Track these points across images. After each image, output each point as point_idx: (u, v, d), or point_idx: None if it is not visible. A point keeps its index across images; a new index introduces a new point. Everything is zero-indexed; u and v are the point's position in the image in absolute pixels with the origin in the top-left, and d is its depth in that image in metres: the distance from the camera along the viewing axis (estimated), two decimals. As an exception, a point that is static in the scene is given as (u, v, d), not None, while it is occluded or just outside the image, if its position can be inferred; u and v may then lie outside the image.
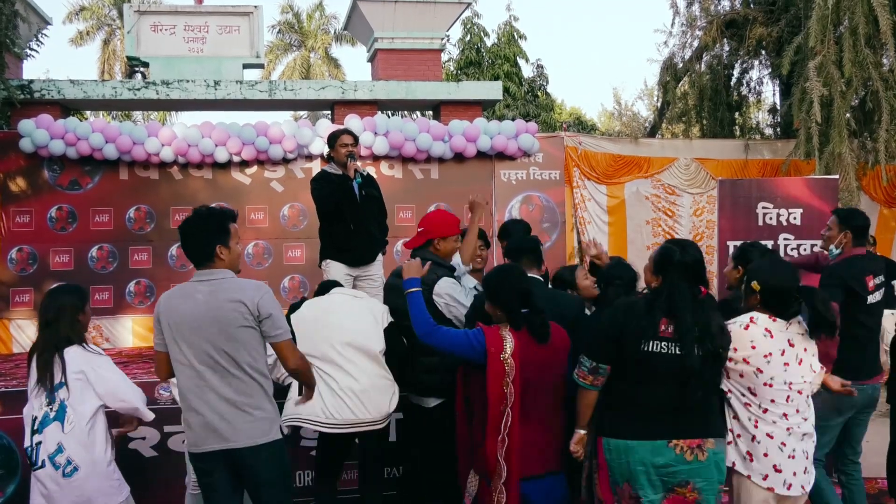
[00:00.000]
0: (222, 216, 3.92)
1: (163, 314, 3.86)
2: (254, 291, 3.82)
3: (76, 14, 30.09)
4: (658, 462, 3.63)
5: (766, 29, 11.96)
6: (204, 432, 3.82)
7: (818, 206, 6.83)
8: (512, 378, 3.85)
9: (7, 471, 5.61)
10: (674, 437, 3.64)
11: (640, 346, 3.65)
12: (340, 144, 6.44)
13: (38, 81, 11.18)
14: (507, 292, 3.98)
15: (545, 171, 11.29)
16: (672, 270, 3.73)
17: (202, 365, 3.79)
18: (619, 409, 3.75)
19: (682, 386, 3.63)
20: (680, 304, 3.64)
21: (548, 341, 3.93)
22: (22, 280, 10.34)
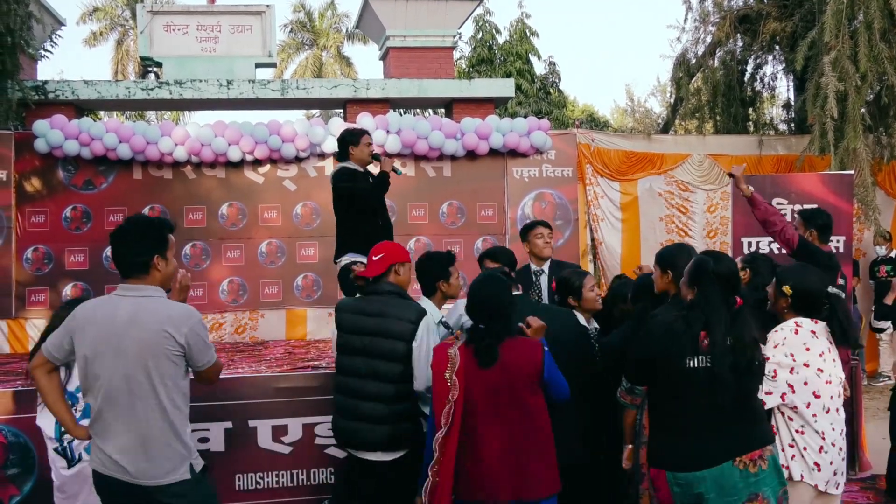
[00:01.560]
0: (161, 225, 3.74)
1: (78, 327, 3.60)
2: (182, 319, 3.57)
3: (90, 15, 30.26)
4: (728, 484, 3.55)
5: (780, 24, 11.89)
6: (109, 460, 3.57)
7: (833, 201, 6.79)
8: (454, 398, 3.67)
9: (23, 469, 5.64)
10: (736, 454, 3.58)
11: (685, 363, 3.59)
12: (365, 144, 6.50)
13: (52, 82, 11.24)
14: (470, 301, 3.87)
15: (558, 169, 11.27)
16: (706, 282, 3.68)
17: (116, 389, 3.53)
18: (671, 434, 3.67)
19: (730, 399, 3.56)
20: (713, 316, 3.58)
21: (490, 365, 3.69)
22: (38, 280, 10.40)
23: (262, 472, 5.92)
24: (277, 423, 5.93)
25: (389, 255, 4.59)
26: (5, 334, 10.25)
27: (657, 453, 3.72)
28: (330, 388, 5.54)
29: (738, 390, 3.55)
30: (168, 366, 3.53)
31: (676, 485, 3.61)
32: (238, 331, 10.55)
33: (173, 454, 3.55)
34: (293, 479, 5.96)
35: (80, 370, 3.61)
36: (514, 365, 3.72)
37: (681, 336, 3.60)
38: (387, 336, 4.34)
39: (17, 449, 5.64)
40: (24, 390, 5.92)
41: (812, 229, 5.59)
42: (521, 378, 3.71)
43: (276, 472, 5.95)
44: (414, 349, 4.27)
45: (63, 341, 3.63)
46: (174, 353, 3.53)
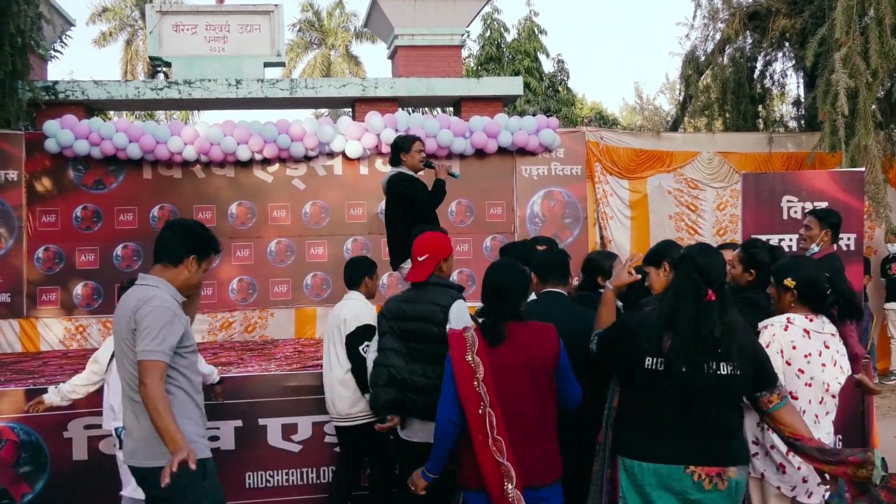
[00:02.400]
0: (212, 238, 3.87)
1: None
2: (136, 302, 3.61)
3: (99, 15, 30.36)
4: (675, 488, 3.40)
5: (790, 20, 11.84)
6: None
7: (844, 199, 6.75)
8: (482, 377, 3.66)
9: (36, 467, 5.68)
10: (690, 462, 3.39)
11: (644, 363, 3.48)
12: (417, 150, 6.53)
13: (62, 82, 11.29)
14: (484, 287, 3.88)
15: (566, 167, 11.25)
16: (681, 271, 3.56)
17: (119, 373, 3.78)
18: (632, 426, 3.57)
19: (693, 406, 3.41)
20: (680, 305, 3.44)
21: (497, 344, 3.69)
22: (48, 279, 10.44)
23: (272, 471, 5.95)
24: (287, 421, 5.95)
25: (434, 255, 4.57)
26: (17, 333, 10.30)
27: (616, 441, 3.66)
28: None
29: (688, 390, 3.37)
30: (130, 348, 3.58)
31: (624, 470, 3.54)
32: (247, 330, 10.57)
33: (156, 438, 3.48)
34: (303, 477, 5.98)
35: None
36: (530, 346, 3.72)
37: (647, 327, 3.51)
38: (420, 320, 4.43)
39: (29, 447, 5.67)
40: (37, 389, 5.95)
41: (828, 228, 5.56)
42: (539, 359, 3.70)
43: (285, 471, 5.98)
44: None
45: None
46: (132, 336, 3.56)
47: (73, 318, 10.46)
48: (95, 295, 10.49)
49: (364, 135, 10.62)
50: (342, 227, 10.96)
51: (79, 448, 5.74)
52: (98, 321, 10.48)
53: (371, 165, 10.98)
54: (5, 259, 10.30)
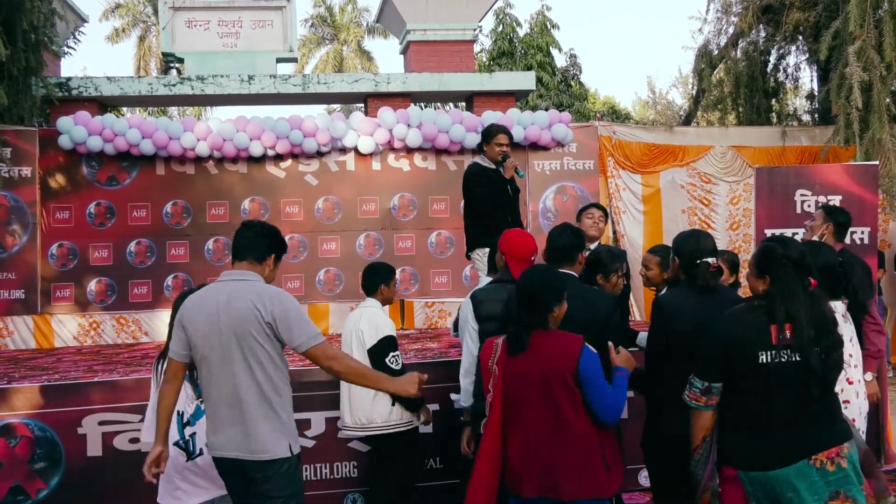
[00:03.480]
0: (283, 240, 4.06)
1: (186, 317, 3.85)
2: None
3: (112, 11, 30.44)
4: (805, 483, 3.37)
5: (804, 14, 11.78)
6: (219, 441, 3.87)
7: (858, 192, 6.72)
8: (493, 385, 3.70)
9: (51, 463, 5.70)
10: (812, 452, 3.39)
11: (758, 359, 3.40)
12: (496, 143, 6.54)
13: (75, 79, 11.33)
14: (515, 293, 3.85)
15: (579, 161, 11.23)
16: (779, 269, 3.48)
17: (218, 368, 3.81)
18: (747, 432, 3.48)
19: (806, 394, 3.40)
20: (793, 305, 3.40)
21: (517, 354, 3.66)
22: (63, 275, 10.48)
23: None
24: (300, 416, 5.94)
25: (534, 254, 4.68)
26: (31, 330, 10.35)
27: (729, 451, 3.54)
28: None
29: (827, 382, 3.41)
30: (258, 343, 3.71)
31: (749, 483, 3.45)
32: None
33: (271, 431, 3.72)
34: (316, 472, 5.99)
35: (193, 357, 3.82)
36: (546, 357, 3.65)
37: (752, 328, 3.44)
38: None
39: (44, 443, 5.70)
40: (51, 385, 5.98)
41: (831, 223, 5.56)
42: (553, 371, 3.62)
43: (299, 466, 5.98)
44: None
45: (179, 336, 3.84)
46: (264, 330, 3.71)
47: (87, 314, 10.51)
48: (109, 291, 10.54)
49: (376, 130, 10.63)
50: (355, 223, 10.97)
51: (93, 444, 5.76)
52: (112, 317, 10.53)
53: (384, 161, 10.98)
54: (19, 255, 10.35)
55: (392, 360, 5.12)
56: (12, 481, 5.62)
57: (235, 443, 3.72)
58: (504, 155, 6.53)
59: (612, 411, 3.67)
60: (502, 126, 6.75)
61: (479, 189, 6.54)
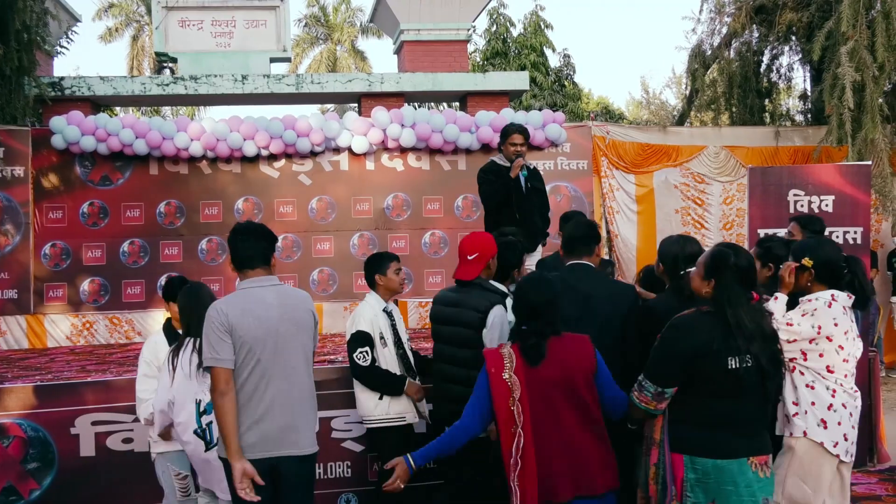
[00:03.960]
0: (269, 230, 4.14)
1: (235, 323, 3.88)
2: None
3: (105, 11, 30.38)
4: (744, 482, 3.46)
5: (797, 14, 11.80)
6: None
7: (851, 192, 6.74)
8: (518, 396, 3.63)
9: (43, 463, 5.69)
10: (751, 454, 3.50)
11: (727, 364, 3.44)
12: (510, 143, 6.67)
13: (68, 78, 11.30)
14: (517, 302, 3.85)
15: (573, 161, 11.24)
16: (727, 275, 3.52)
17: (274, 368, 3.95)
18: (696, 425, 3.55)
19: (755, 400, 3.51)
20: (741, 313, 3.46)
21: (539, 363, 3.65)
22: (55, 275, 10.46)
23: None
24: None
25: (483, 254, 4.67)
26: (24, 330, 10.32)
27: (678, 438, 3.59)
28: (345, 383, 5.58)
29: (766, 386, 3.52)
30: (311, 342, 4.08)
31: (693, 470, 3.52)
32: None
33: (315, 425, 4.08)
34: (310, 472, 5.98)
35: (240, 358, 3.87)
36: (567, 361, 3.69)
37: (720, 334, 3.47)
38: (459, 325, 4.59)
39: (37, 443, 5.68)
40: (44, 385, 5.97)
41: (809, 234, 5.62)
42: (577, 373, 3.68)
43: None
44: (484, 336, 4.47)
45: (227, 343, 3.86)
46: (313, 331, 4.07)
47: (80, 314, 10.49)
48: (102, 291, 10.52)
49: (370, 130, 10.63)
50: (348, 223, 10.97)
51: (86, 444, 5.74)
52: (105, 317, 10.51)
53: (377, 161, 10.98)
54: (12, 255, 10.33)
55: (359, 356, 5.10)
56: (5, 481, 5.60)
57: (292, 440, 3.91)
58: (517, 154, 6.58)
59: (624, 405, 3.74)
60: (518, 126, 6.82)
61: (483, 187, 6.73)
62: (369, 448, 5.68)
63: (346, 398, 5.60)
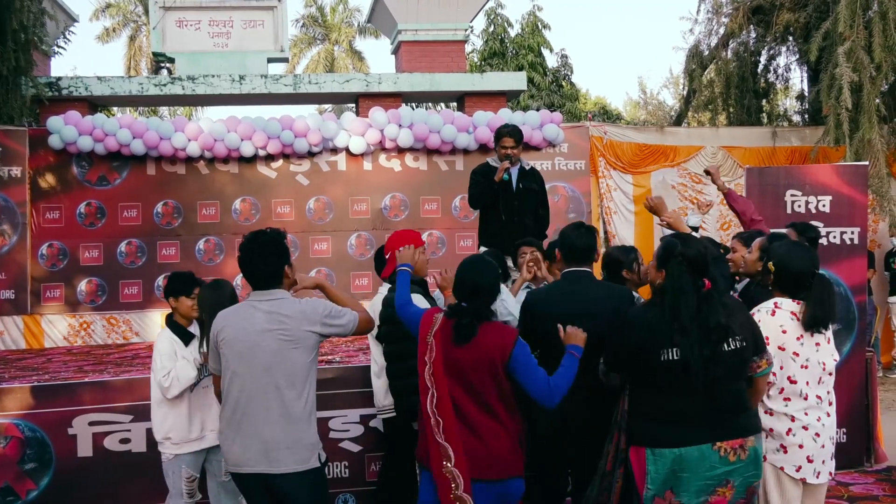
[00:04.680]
0: (282, 237, 4.12)
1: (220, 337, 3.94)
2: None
3: (102, 11, 30.35)
4: (705, 467, 3.52)
5: (794, 14, 11.81)
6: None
7: (848, 193, 6.73)
8: (432, 359, 3.76)
9: (41, 464, 5.68)
10: (717, 439, 3.53)
11: (661, 356, 3.53)
12: (501, 146, 6.65)
13: (65, 78, 11.29)
14: (457, 280, 3.94)
15: (570, 162, 11.24)
16: (674, 265, 3.60)
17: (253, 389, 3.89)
18: (654, 417, 3.62)
19: (713, 386, 3.51)
20: (680, 301, 3.53)
21: (463, 344, 3.73)
22: (52, 275, 10.45)
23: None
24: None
25: (393, 248, 4.86)
26: (21, 330, 10.31)
27: (636, 433, 3.68)
28: (343, 383, 5.57)
29: (709, 377, 3.49)
30: (304, 361, 3.92)
31: (653, 462, 3.57)
32: (252, 325, 10.56)
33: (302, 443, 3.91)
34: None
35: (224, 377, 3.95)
36: (481, 346, 3.73)
37: (657, 327, 3.56)
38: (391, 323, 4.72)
39: (34, 444, 5.67)
40: (41, 385, 5.96)
41: (805, 240, 5.62)
42: (484, 360, 3.71)
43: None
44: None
45: (215, 354, 4.00)
46: (314, 345, 3.95)
47: (77, 314, 10.48)
48: (100, 291, 10.51)
49: (368, 130, 10.62)
50: (346, 223, 10.97)
51: (83, 445, 5.73)
52: (102, 317, 10.49)
53: (375, 161, 10.98)
54: (9, 256, 10.31)
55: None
56: (2, 482, 5.60)
57: (274, 457, 3.85)
58: (507, 156, 6.59)
59: (546, 393, 3.73)
60: (510, 128, 6.78)
61: (471, 189, 6.76)
62: (381, 442, 5.63)
63: (344, 398, 5.61)
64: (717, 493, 3.55)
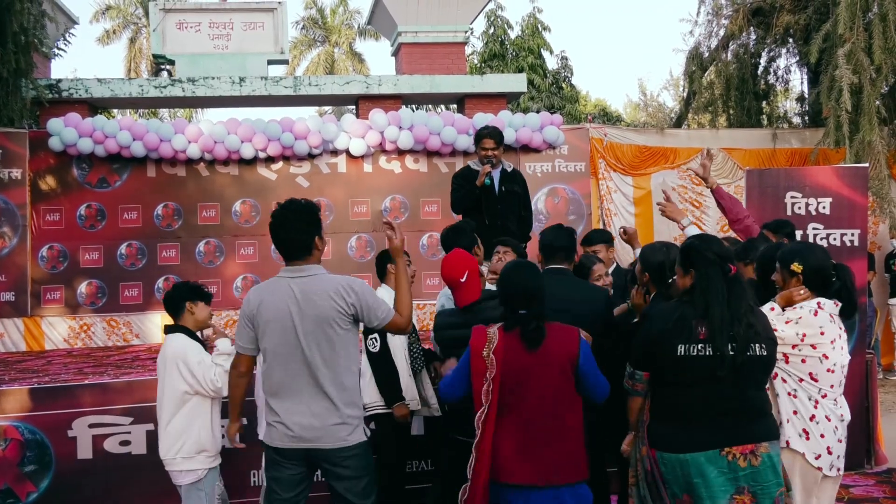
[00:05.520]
0: (315, 208, 4.08)
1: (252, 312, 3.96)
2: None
3: (103, 13, 30.37)
4: (713, 473, 3.50)
5: (794, 16, 11.81)
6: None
7: (848, 195, 6.73)
8: (492, 375, 3.70)
9: (41, 466, 5.68)
10: (725, 444, 3.51)
11: (677, 351, 3.53)
12: (481, 148, 6.64)
13: (66, 80, 11.30)
14: (507, 289, 3.88)
15: (570, 164, 11.24)
16: (701, 262, 3.63)
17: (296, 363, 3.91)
18: (666, 419, 3.64)
19: (726, 388, 3.52)
20: (712, 296, 3.54)
21: (538, 347, 3.71)
22: (53, 277, 10.44)
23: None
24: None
25: (473, 269, 4.64)
26: (21, 332, 10.30)
27: (652, 435, 3.72)
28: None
29: (736, 374, 3.50)
30: (335, 335, 3.90)
31: (662, 464, 3.61)
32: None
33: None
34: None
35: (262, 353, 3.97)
36: (551, 348, 3.72)
37: (674, 322, 3.58)
38: None
39: (34, 446, 5.68)
40: (41, 388, 5.96)
41: (783, 237, 5.64)
42: (555, 362, 3.72)
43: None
44: None
45: (247, 332, 4.01)
46: (346, 320, 3.91)
47: (77, 316, 10.46)
48: (100, 293, 10.50)
49: (368, 132, 10.62)
50: (346, 225, 10.96)
51: (83, 447, 5.74)
52: (102, 319, 10.49)
53: (375, 163, 10.98)
54: (9, 258, 10.31)
55: (370, 342, 5.18)
56: (2, 484, 5.60)
57: (317, 434, 3.90)
58: (488, 158, 6.55)
59: (604, 391, 3.83)
60: (489, 130, 6.73)
61: (452, 194, 6.76)
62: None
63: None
64: (734, 500, 3.52)
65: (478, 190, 6.52)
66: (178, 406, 4.62)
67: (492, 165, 6.56)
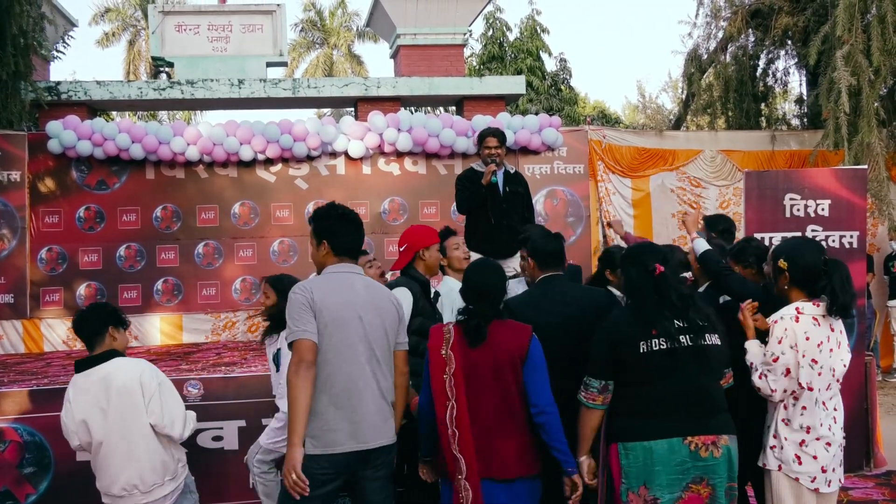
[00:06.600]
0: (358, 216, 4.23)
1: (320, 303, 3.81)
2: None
3: (102, 16, 30.41)
4: (675, 460, 3.59)
5: (792, 18, 11.83)
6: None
7: (847, 196, 6.73)
8: (452, 371, 3.77)
9: (40, 468, 5.68)
10: (689, 433, 3.61)
11: (639, 349, 3.65)
12: (485, 146, 6.71)
13: (64, 83, 11.29)
14: (464, 285, 4.01)
15: (569, 166, 11.25)
16: (623, 264, 3.97)
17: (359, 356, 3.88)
18: (631, 414, 3.70)
19: (687, 382, 3.64)
20: (640, 298, 3.77)
21: (478, 344, 3.78)
22: (52, 279, 10.45)
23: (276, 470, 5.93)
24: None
25: (412, 245, 5.00)
26: (20, 334, 10.30)
27: (611, 431, 3.78)
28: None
29: (695, 364, 3.66)
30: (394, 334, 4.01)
31: (625, 455, 3.66)
32: (251, 329, 10.58)
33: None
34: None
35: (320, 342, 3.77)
36: (500, 345, 3.80)
37: (632, 324, 3.71)
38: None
39: (33, 448, 5.68)
40: (40, 389, 5.96)
41: (713, 234, 5.70)
42: (505, 358, 3.78)
43: (289, 470, 5.96)
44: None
45: (308, 316, 3.78)
46: (398, 324, 4.02)
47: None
48: (99, 295, 10.50)
49: (367, 134, 10.63)
50: (345, 227, 10.93)
51: (83, 448, 5.74)
52: (102, 321, 10.46)
53: (374, 165, 10.98)
54: (8, 260, 10.31)
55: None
56: (1, 486, 5.60)
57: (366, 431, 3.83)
58: (491, 157, 6.59)
59: (545, 401, 3.79)
60: (492, 129, 6.81)
61: (458, 195, 6.82)
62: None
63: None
64: (690, 489, 3.60)
65: (484, 189, 6.55)
66: (140, 437, 4.33)
67: (496, 164, 6.60)
